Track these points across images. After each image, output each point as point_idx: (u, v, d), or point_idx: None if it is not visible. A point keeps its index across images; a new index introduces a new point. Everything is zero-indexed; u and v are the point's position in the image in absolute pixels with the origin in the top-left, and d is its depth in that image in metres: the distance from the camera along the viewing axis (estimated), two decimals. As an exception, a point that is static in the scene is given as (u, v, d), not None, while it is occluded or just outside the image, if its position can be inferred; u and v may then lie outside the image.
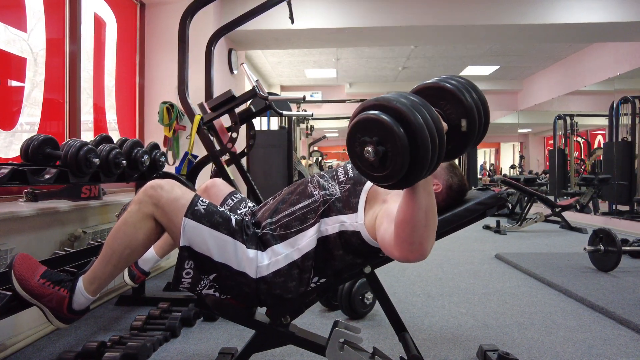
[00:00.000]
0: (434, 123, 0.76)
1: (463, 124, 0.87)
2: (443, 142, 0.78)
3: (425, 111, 0.77)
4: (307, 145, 9.80)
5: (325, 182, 1.26)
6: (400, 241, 0.97)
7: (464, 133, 0.88)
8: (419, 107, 0.77)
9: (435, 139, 0.76)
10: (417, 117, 0.75)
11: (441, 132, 0.77)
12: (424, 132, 0.74)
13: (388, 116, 0.76)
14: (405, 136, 0.75)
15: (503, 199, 1.29)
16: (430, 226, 0.94)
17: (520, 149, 13.49)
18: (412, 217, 0.92)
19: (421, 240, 0.94)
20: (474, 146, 0.95)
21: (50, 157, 1.62)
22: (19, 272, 1.13)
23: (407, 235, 0.95)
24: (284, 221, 1.21)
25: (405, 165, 0.77)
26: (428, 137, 0.75)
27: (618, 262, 2.77)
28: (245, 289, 1.15)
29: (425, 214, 0.91)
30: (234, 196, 1.53)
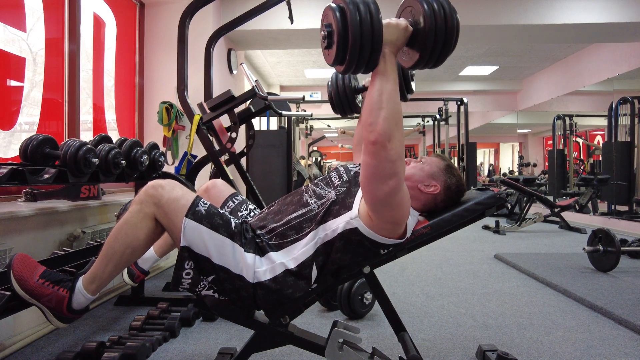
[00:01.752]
0: (370, 14, 0.93)
1: (420, 19, 0.99)
2: (378, 28, 0.94)
3: (368, 4, 0.95)
4: (306, 145, 9.79)
5: (320, 190, 1.27)
6: (363, 125, 1.04)
7: (423, 30, 0.98)
8: (364, 3, 0.94)
9: (368, 24, 0.93)
10: (355, 6, 0.94)
11: (377, 20, 0.94)
12: (355, 16, 0.92)
13: (336, 6, 0.97)
14: (341, 19, 0.95)
15: (502, 199, 1.29)
16: (386, 108, 0.99)
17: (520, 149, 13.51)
18: (370, 99, 1.02)
19: (377, 119, 0.99)
20: (441, 51, 1.00)
21: (49, 157, 1.62)
22: (18, 272, 1.13)
23: (366, 117, 1.02)
24: (279, 230, 1.22)
25: (341, 43, 0.95)
26: (357, 20, 0.92)
27: (617, 262, 2.78)
28: (243, 292, 1.15)
29: (380, 96, 1.00)
30: (235, 198, 1.53)
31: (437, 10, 0.96)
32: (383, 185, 1.04)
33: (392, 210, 1.10)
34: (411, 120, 10.24)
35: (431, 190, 1.29)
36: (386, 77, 1.00)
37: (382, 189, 1.04)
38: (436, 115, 8.23)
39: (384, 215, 1.11)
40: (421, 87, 9.05)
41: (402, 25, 1.00)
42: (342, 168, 1.34)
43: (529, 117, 9.91)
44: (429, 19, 0.96)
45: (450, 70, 8.16)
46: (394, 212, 1.10)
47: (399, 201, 1.09)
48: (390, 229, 1.15)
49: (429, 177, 1.30)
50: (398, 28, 1.00)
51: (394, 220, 1.13)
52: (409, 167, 1.33)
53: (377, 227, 1.14)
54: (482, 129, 11.54)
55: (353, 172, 1.30)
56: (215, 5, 4.09)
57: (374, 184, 1.04)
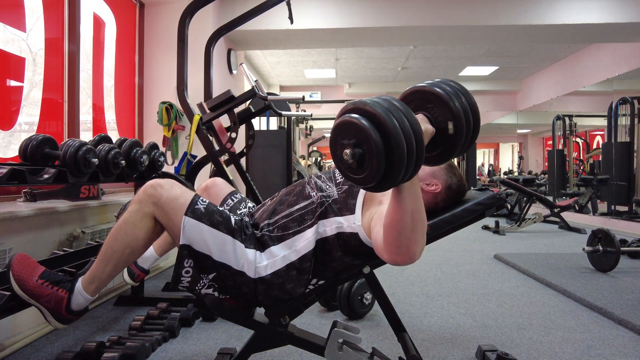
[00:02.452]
0: (410, 126, 0.77)
1: (450, 126, 0.89)
2: (421, 144, 0.79)
3: (403, 114, 0.78)
4: (306, 145, 9.79)
5: (322, 184, 1.26)
6: (388, 244, 0.97)
7: (451, 136, 0.89)
8: (396, 110, 0.78)
9: (412, 141, 0.77)
10: (392, 119, 0.76)
11: (419, 135, 0.78)
12: (399, 134, 0.76)
13: (364, 119, 0.78)
14: (380, 138, 0.76)
15: (502, 199, 1.29)
16: (418, 230, 0.93)
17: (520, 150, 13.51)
18: (399, 220, 0.92)
19: (408, 243, 0.94)
20: (464, 150, 0.96)
21: (49, 157, 1.62)
22: (17, 272, 1.13)
23: (394, 238, 0.95)
24: (281, 222, 1.21)
25: (382, 167, 0.78)
26: (403, 139, 0.76)
27: (617, 262, 2.78)
28: (244, 288, 1.15)
29: (412, 217, 0.91)
30: (234, 196, 1.53)
31: (468, 119, 0.89)
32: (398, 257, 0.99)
33: None
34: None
35: (432, 189, 1.29)
36: (414, 192, 0.91)
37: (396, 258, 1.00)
38: (436, 116, 8.21)
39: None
40: (421, 87, 9.04)
41: (429, 131, 0.90)
42: None
43: (529, 118, 9.91)
44: (460, 131, 0.89)
45: (450, 71, 8.16)
46: None
47: None
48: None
49: (430, 175, 1.30)
50: (426, 134, 0.89)
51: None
52: None
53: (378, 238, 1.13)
54: (481, 129, 11.31)
55: None
56: (215, 5, 4.09)
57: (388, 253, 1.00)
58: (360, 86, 9.19)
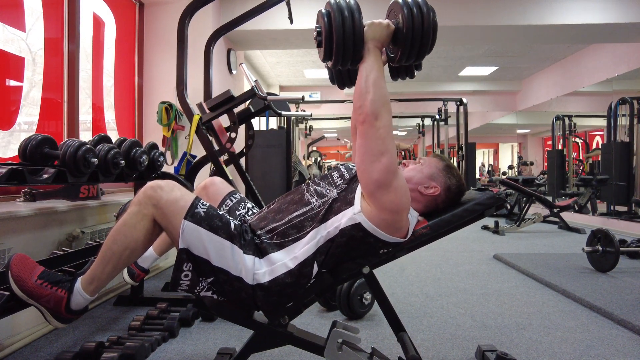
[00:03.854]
0: (352, 15, 1.09)
1: (399, 19, 1.12)
2: (359, 28, 1.10)
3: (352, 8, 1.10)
4: (305, 145, 9.80)
5: (322, 189, 1.26)
6: (353, 110, 1.16)
7: (402, 28, 1.11)
8: (348, 5, 1.10)
9: (350, 24, 1.08)
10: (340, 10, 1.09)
11: (358, 23, 1.09)
12: (338, 18, 1.08)
13: (324, 11, 1.13)
14: (327, 22, 1.10)
15: (501, 199, 1.29)
16: (373, 92, 1.10)
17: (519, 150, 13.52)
18: (358, 85, 1.13)
19: (365, 102, 1.10)
20: (422, 48, 1.13)
21: (48, 156, 1.62)
22: (16, 272, 1.13)
23: (355, 101, 1.13)
24: (280, 229, 1.21)
25: (327, 41, 1.11)
26: (341, 21, 1.08)
27: (616, 262, 2.78)
28: (243, 294, 1.15)
29: (366, 81, 1.11)
30: (233, 196, 1.53)
31: (415, 11, 1.09)
32: (376, 164, 1.10)
33: (390, 194, 1.11)
34: (410, 121, 10.24)
35: (431, 192, 1.28)
36: (370, 65, 1.12)
37: (375, 167, 1.10)
38: (435, 116, 8.23)
39: (382, 201, 1.11)
40: (420, 88, 9.06)
41: (384, 24, 1.15)
42: (344, 167, 1.34)
43: (529, 118, 9.92)
44: (407, 18, 1.09)
45: (449, 71, 8.17)
46: (392, 196, 1.11)
47: (395, 185, 1.11)
48: (392, 220, 1.14)
49: (428, 178, 1.30)
50: (381, 26, 1.14)
51: (393, 208, 1.13)
52: (408, 170, 1.33)
53: (378, 219, 1.13)
54: (481, 129, 11.54)
55: (354, 170, 1.30)
56: (214, 5, 4.09)
57: (367, 163, 1.11)
58: (360, 86, 9.17)
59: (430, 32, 1.10)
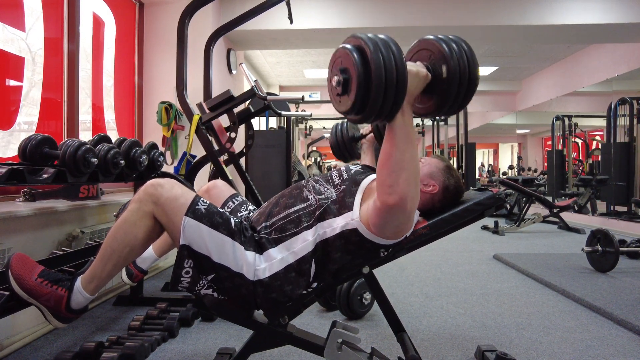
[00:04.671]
0: (394, 59, 0.83)
1: (443, 69, 0.93)
2: (403, 79, 0.85)
3: (391, 51, 0.84)
4: (305, 145, 9.79)
5: (320, 187, 1.26)
6: (380, 186, 1.00)
7: (445, 79, 0.92)
8: (385, 44, 0.84)
9: (394, 73, 0.83)
10: (377, 50, 0.83)
11: (402, 69, 0.84)
12: (379, 62, 0.82)
13: (353, 47, 0.87)
14: (361, 63, 0.84)
15: (501, 199, 1.29)
16: (408, 168, 0.96)
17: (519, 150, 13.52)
18: (390, 157, 0.96)
19: (398, 180, 0.97)
20: (460, 103, 0.97)
21: (48, 156, 1.62)
22: (16, 271, 1.13)
23: (385, 177, 0.98)
24: (278, 224, 1.21)
25: (361, 91, 0.84)
26: (382, 67, 0.82)
27: (616, 262, 2.78)
28: (243, 290, 1.15)
29: (402, 155, 0.95)
30: (235, 198, 1.53)
31: (462, 65, 0.91)
32: (394, 229, 1.11)
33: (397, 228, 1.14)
34: (410, 121, 10.22)
35: (429, 190, 1.29)
36: (406, 133, 0.95)
37: (392, 230, 1.12)
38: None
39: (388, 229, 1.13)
40: (420, 88, 9.05)
41: (422, 74, 0.94)
42: (344, 167, 1.34)
43: (528, 118, 9.92)
44: (454, 71, 0.91)
45: (449, 71, 8.16)
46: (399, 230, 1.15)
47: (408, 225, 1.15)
48: (392, 237, 1.17)
49: (427, 176, 1.30)
50: (419, 77, 0.94)
51: (397, 232, 1.16)
52: None
53: (378, 232, 1.15)
54: (481, 129, 11.55)
55: (353, 170, 1.30)
56: (214, 5, 4.09)
57: (384, 228, 1.11)
58: (360, 86, 9.17)
59: (474, 88, 0.94)
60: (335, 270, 1.22)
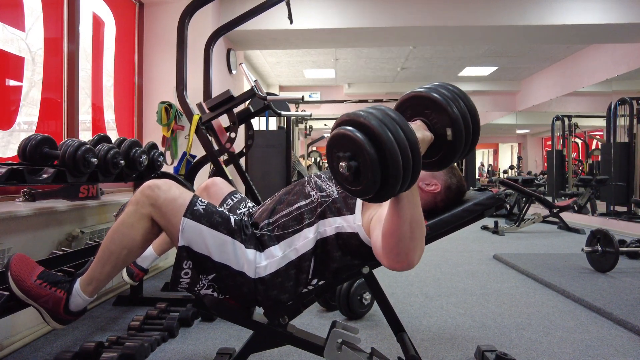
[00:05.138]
0: (406, 137, 0.76)
1: (448, 132, 0.87)
2: (417, 154, 0.77)
3: (398, 125, 0.76)
4: (305, 145, 9.80)
5: (322, 183, 1.26)
6: (387, 251, 0.97)
7: (451, 142, 0.87)
8: (391, 121, 0.76)
9: (408, 152, 0.75)
10: (387, 131, 0.74)
11: (415, 145, 0.76)
12: (393, 146, 0.74)
13: (359, 132, 0.77)
14: (374, 151, 0.75)
15: (501, 199, 1.29)
16: (416, 238, 0.93)
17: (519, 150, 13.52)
18: (397, 229, 0.92)
19: (406, 251, 0.94)
20: (464, 156, 0.94)
21: (48, 156, 1.62)
22: (15, 272, 1.12)
23: (392, 246, 0.95)
24: (281, 221, 1.21)
25: (378, 180, 0.76)
26: (397, 151, 0.74)
27: (615, 263, 2.78)
28: (244, 289, 1.15)
29: (410, 226, 0.91)
30: (233, 196, 1.53)
31: (467, 123, 0.87)
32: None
33: None
34: (410, 121, 10.23)
35: (432, 189, 1.29)
36: (413, 201, 0.90)
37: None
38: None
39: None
40: (420, 88, 9.05)
41: (427, 138, 0.88)
42: None
43: (528, 118, 9.92)
44: (459, 136, 0.87)
45: (449, 71, 8.17)
46: None
47: None
48: None
49: (430, 175, 1.30)
50: (424, 142, 0.87)
51: None
52: None
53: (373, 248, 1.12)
54: (481, 129, 11.53)
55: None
56: (214, 5, 4.09)
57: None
58: (360, 86, 9.19)
59: (477, 136, 0.90)
60: (335, 268, 1.22)
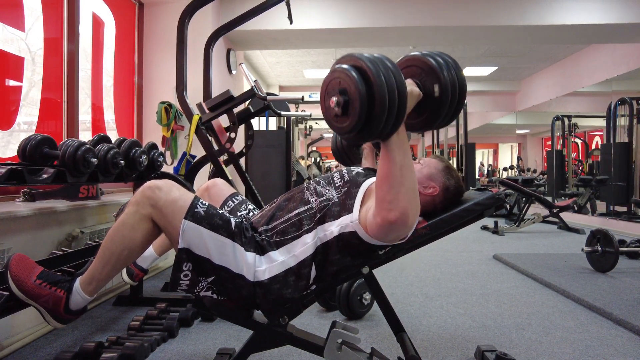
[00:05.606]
0: (395, 79, 0.83)
1: (436, 89, 0.96)
2: (403, 97, 0.85)
3: (390, 70, 0.84)
4: (305, 145, 9.79)
5: (322, 189, 1.26)
6: (380, 202, 1.01)
7: (437, 99, 0.97)
8: (383, 64, 0.84)
9: (395, 93, 0.83)
10: (378, 71, 0.82)
11: (402, 88, 0.85)
12: (382, 83, 0.81)
13: (354, 70, 0.85)
14: (364, 86, 0.82)
15: (501, 199, 1.29)
16: (407, 184, 0.98)
17: (519, 150, 13.53)
18: (389, 173, 0.97)
19: (398, 196, 0.98)
20: (449, 119, 1.02)
21: (47, 156, 1.62)
22: (15, 272, 1.12)
23: (385, 193, 0.99)
24: (279, 228, 1.21)
25: (363, 113, 0.83)
26: (385, 88, 0.81)
27: (615, 263, 2.78)
28: (243, 291, 1.15)
29: (401, 171, 0.96)
30: (234, 198, 1.53)
31: (453, 82, 0.95)
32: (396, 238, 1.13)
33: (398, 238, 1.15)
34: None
35: (430, 192, 1.28)
36: (402, 149, 0.96)
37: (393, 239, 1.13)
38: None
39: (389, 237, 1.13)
40: (420, 88, 9.06)
41: (415, 92, 0.97)
42: (345, 169, 1.33)
43: (528, 118, 9.93)
44: (445, 90, 0.95)
45: (449, 71, 8.16)
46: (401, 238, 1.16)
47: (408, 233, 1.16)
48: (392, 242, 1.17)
49: (427, 178, 1.30)
50: (412, 95, 0.96)
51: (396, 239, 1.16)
52: None
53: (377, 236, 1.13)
54: (481, 129, 11.55)
55: (355, 172, 1.30)
56: (214, 5, 4.09)
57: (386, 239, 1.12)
58: (360, 86, 9.17)
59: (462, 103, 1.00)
60: (335, 271, 1.21)
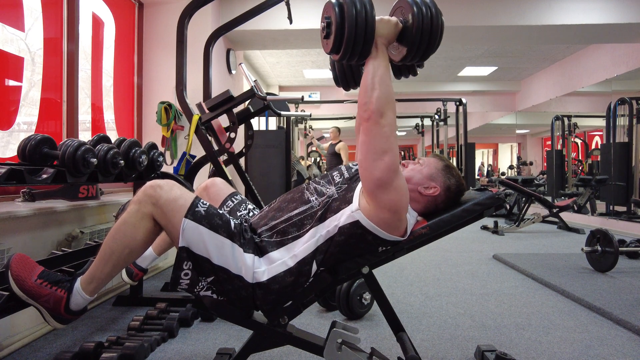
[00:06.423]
0: (365, 8, 1.06)
1: (409, 17, 1.11)
2: (372, 21, 1.07)
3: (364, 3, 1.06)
4: (305, 145, 9.80)
5: (322, 188, 1.26)
6: (359, 108, 1.13)
7: (411, 26, 1.11)
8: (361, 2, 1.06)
9: (362, 15, 1.05)
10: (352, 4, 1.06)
11: (371, 14, 1.06)
12: (351, 10, 1.05)
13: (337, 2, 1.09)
14: (339, 11, 1.07)
15: (501, 199, 1.29)
16: (380, 89, 1.09)
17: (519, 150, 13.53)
18: (364, 82, 1.11)
19: (371, 99, 1.09)
20: (428, 49, 1.14)
21: (47, 156, 1.62)
22: (15, 272, 1.13)
23: (361, 99, 1.12)
24: (280, 227, 1.21)
25: (339, 35, 1.08)
26: (354, 17, 1.05)
27: (615, 262, 2.78)
28: (243, 292, 1.15)
29: (372, 78, 1.10)
30: (234, 197, 1.53)
31: (425, 11, 1.10)
32: (378, 162, 1.09)
33: (390, 193, 1.10)
34: (410, 121, 10.25)
35: (431, 192, 1.28)
36: (378, 62, 1.11)
37: (377, 165, 1.09)
38: (435, 116, 8.24)
39: (382, 200, 1.10)
40: (420, 88, 9.06)
41: (392, 21, 1.13)
42: (344, 167, 1.34)
43: (528, 118, 9.92)
44: (417, 18, 1.09)
45: (449, 71, 8.17)
46: (392, 195, 1.10)
47: (396, 184, 1.10)
48: (390, 219, 1.14)
49: (428, 178, 1.29)
50: (390, 24, 1.13)
51: (392, 207, 1.12)
52: (408, 170, 1.33)
53: (376, 218, 1.13)
54: (480, 129, 11.55)
55: (354, 169, 1.30)
56: (214, 5, 4.09)
57: (369, 161, 1.10)
58: (360, 86, 9.17)
59: (438, 32, 1.12)
60: (333, 266, 1.21)
